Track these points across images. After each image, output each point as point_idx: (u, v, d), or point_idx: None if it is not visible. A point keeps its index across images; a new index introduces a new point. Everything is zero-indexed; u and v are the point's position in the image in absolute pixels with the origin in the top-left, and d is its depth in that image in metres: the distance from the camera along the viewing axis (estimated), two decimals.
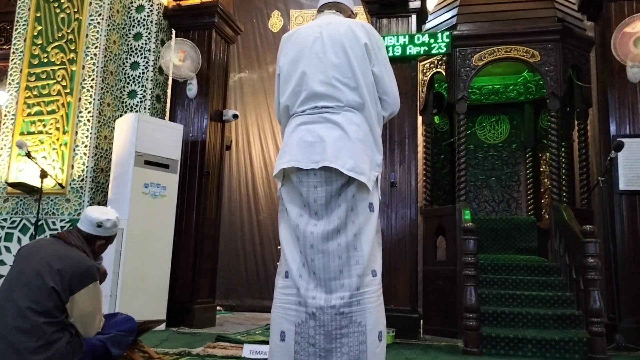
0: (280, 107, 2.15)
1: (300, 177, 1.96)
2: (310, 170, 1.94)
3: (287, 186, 2.03)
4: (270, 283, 7.43)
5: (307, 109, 2.03)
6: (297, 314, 1.88)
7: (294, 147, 1.99)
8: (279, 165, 2.01)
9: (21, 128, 5.00)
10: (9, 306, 2.29)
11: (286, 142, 2.05)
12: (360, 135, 1.98)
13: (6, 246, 4.85)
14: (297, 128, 2.03)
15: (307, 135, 1.98)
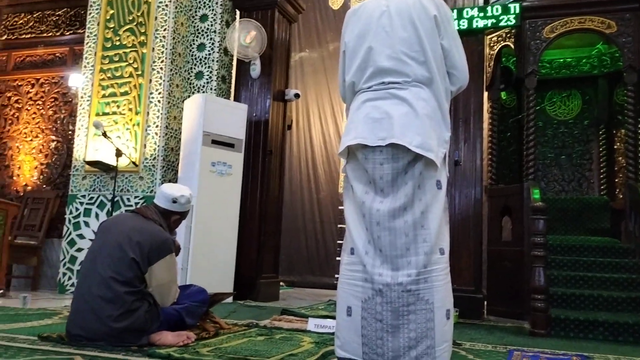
0: (345, 85, 2.15)
1: (366, 154, 1.96)
2: (377, 147, 1.93)
3: (353, 163, 2.04)
4: (330, 261, 7.53)
5: (373, 85, 2.02)
6: (364, 290, 1.91)
7: (360, 123, 1.99)
8: (345, 143, 2.02)
9: (97, 109, 5.26)
10: (93, 276, 2.45)
11: (352, 119, 2.05)
12: (428, 111, 1.96)
13: (85, 221, 5.15)
14: (363, 105, 2.02)
15: (373, 112, 1.97)
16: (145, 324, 2.45)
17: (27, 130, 6.19)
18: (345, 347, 1.93)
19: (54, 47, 6.27)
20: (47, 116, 6.14)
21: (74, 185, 5.27)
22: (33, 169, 6.09)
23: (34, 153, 6.11)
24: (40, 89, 6.23)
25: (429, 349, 1.83)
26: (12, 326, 2.93)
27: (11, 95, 6.33)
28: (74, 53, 6.15)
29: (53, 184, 5.97)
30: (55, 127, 6.08)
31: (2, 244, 4.63)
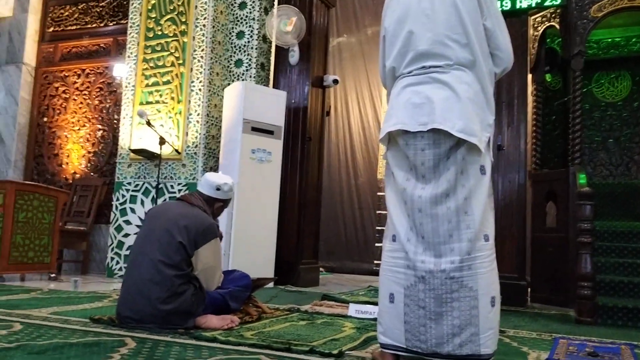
0: (385, 70, 2.13)
1: (407, 139, 1.94)
2: (418, 133, 1.91)
3: (393, 150, 2.03)
4: (369, 247, 7.54)
5: (414, 69, 1.99)
6: (406, 277, 1.90)
7: (401, 109, 1.97)
8: (385, 129, 2.00)
9: (140, 98, 5.39)
10: (142, 260, 2.54)
11: (392, 105, 2.03)
12: (471, 94, 1.92)
13: (131, 207, 5.31)
14: (403, 90, 2.00)
15: (414, 97, 1.94)
16: (191, 307, 2.53)
17: (74, 120, 6.40)
18: (387, 334, 1.94)
19: (98, 38, 6.44)
20: (93, 105, 6.32)
21: (120, 172, 5.43)
22: (81, 157, 6.30)
23: (82, 142, 6.32)
24: (86, 79, 6.42)
25: (473, 336, 1.82)
26: (65, 308, 3.07)
27: (59, 86, 6.54)
28: (117, 43, 6.29)
29: (100, 171, 6.17)
30: (101, 116, 6.27)
31: (54, 229, 4.82)
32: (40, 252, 4.69)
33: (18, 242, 4.49)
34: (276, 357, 2.03)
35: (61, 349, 2.01)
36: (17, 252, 4.48)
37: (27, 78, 6.58)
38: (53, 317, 2.73)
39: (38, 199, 4.67)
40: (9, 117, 6.50)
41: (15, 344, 2.05)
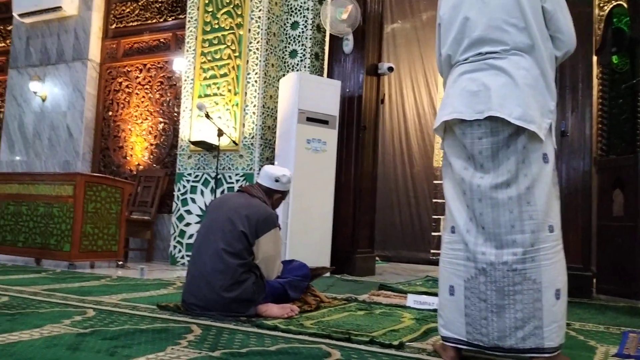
0: (441, 59, 2.09)
1: (463, 128, 1.91)
2: (474, 121, 1.87)
3: (450, 139, 2.00)
4: (425, 236, 7.47)
5: (469, 56, 1.95)
6: (466, 269, 1.88)
7: (456, 97, 1.93)
8: (440, 118, 1.98)
9: (199, 91, 5.53)
10: (206, 248, 2.63)
11: (448, 93, 2.00)
12: (529, 80, 1.86)
13: (192, 198, 5.48)
14: (459, 77, 1.96)
15: (470, 85, 1.91)
16: (253, 295, 2.60)
17: (137, 113, 6.65)
18: (448, 327, 1.93)
19: (158, 33, 6.64)
20: (154, 99, 6.54)
21: (181, 164, 5.61)
22: (144, 149, 6.55)
23: (144, 134, 6.56)
24: (147, 73, 6.64)
25: (537, 329, 1.78)
26: (134, 295, 3.22)
27: (122, 81, 6.81)
28: (176, 38, 6.47)
29: (162, 163, 6.39)
30: (162, 109, 6.48)
31: (120, 219, 5.05)
32: (108, 240, 4.92)
33: (88, 232, 4.73)
34: (336, 346, 2.06)
35: (132, 335, 2.12)
36: (87, 241, 4.73)
37: (92, 74, 6.88)
38: (123, 304, 2.87)
39: (105, 190, 4.90)
40: (76, 112, 6.83)
41: (90, 330, 2.18)
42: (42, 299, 2.94)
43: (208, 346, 1.97)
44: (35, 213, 4.84)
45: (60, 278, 3.95)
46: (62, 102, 6.94)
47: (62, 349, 1.83)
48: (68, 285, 3.54)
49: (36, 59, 7.23)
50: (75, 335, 2.07)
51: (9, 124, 7.32)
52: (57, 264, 4.92)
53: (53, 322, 2.28)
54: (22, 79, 7.28)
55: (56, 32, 7.09)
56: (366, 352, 2.00)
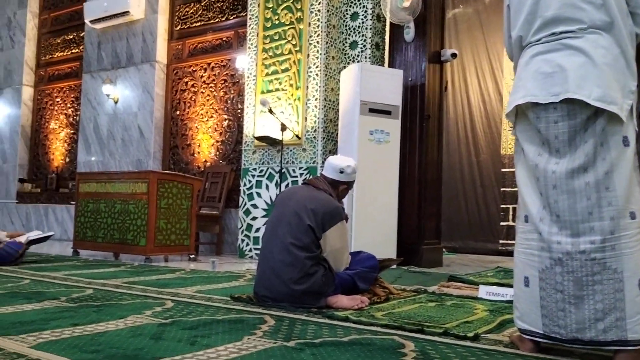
0: (511, 41, 2.02)
1: (537, 112, 1.83)
2: (550, 105, 1.80)
3: (522, 124, 1.92)
4: (493, 225, 7.26)
5: (542, 37, 1.87)
6: (540, 259, 1.82)
7: (529, 80, 1.86)
8: (513, 102, 1.91)
9: (261, 87, 5.62)
10: (274, 242, 2.68)
11: (520, 76, 1.93)
12: (609, 59, 1.76)
13: (257, 192, 5.59)
14: (532, 59, 1.88)
15: (544, 66, 1.83)
16: (322, 287, 2.62)
17: (202, 111, 6.85)
18: (524, 319, 1.88)
19: (220, 32, 6.80)
20: (218, 97, 6.72)
21: (246, 159, 5.73)
22: (210, 146, 6.74)
23: (210, 132, 6.76)
24: (211, 72, 6.82)
25: (619, 321, 1.70)
26: (207, 287, 3.33)
27: (188, 80, 7.03)
28: (238, 36, 6.60)
29: (227, 159, 6.56)
30: (226, 107, 6.64)
31: (191, 214, 5.24)
32: (180, 235, 5.11)
33: (161, 227, 4.93)
34: (409, 338, 2.04)
35: (210, 325, 2.19)
36: (161, 236, 4.93)
37: (160, 75, 7.14)
38: (198, 295, 2.98)
39: (176, 187, 5.09)
40: (146, 112, 7.12)
41: (170, 320, 2.27)
42: (124, 291, 3.09)
43: (282, 336, 2.01)
44: (113, 210, 5.10)
45: (138, 271, 4.14)
46: (132, 104, 7.26)
47: (146, 339, 1.93)
48: (146, 278, 3.71)
49: (107, 62, 7.58)
50: (157, 325, 2.16)
51: (85, 126, 7.73)
52: (134, 258, 5.17)
53: (136, 313, 2.40)
54: (95, 83, 7.66)
55: (125, 36, 7.41)
56: (440, 344, 1.97)
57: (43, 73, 8.76)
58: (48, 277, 3.66)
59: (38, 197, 8.34)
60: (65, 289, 3.10)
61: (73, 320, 2.20)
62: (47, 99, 8.69)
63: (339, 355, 1.76)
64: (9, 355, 1.65)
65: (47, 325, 2.09)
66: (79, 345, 1.80)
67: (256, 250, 5.52)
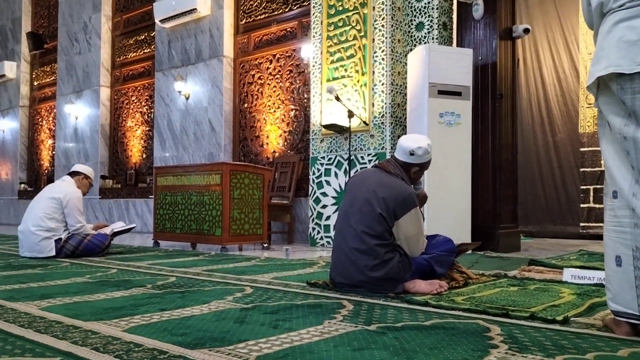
0: (591, 8, 1.89)
1: (622, 83, 1.72)
2: (635, 74, 1.69)
3: (605, 96, 1.81)
4: (572, 208, 6.92)
5: (626, 2, 1.75)
6: (634, 237, 1.70)
7: (612, 49, 1.74)
8: (594, 74, 1.79)
9: (327, 75, 5.61)
10: (347, 230, 2.66)
11: (601, 46, 1.80)
12: None
13: (326, 180, 5.61)
14: (614, 27, 1.76)
15: (628, 34, 1.71)
16: (399, 274, 2.58)
17: (269, 103, 6.94)
18: (617, 300, 1.77)
19: (284, 23, 6.85)
20: (285, 88, 6.78)
21: (314, 148, 5.75)
22: (278, 137, 6.83)
23: (278, 122, 6.84)
24: (277, 64, 6.89)
25: None
26: (283, 274, 3.38)
27: (254, 73, 7.14)
28: (302, 26, 6.62)
29: (296, 149, 6.62)
30: (293, 97, 6.69)
31: (263, 203, 5.33)
32: (253, 224, 5.22)
33: (235, 217, 5.06)
34: (494, 322, 1.98)
35: (289, 310, 2.22)
36: (236, 226, 5.06)
37: (227, 69, 7.30)
38: (275, 282, 3.03)
39: (248, 177, 5.19)
40: (216, 106, 7.30)
41: (251, 305, 2.32)
42: (204, 278, 3.20)
43: (363, 320, 2.00)
44: (189, 202, 5.28)
45: (215, 260, 4.27)
46: (203, 99, 7.47)
47: (230, 322, 1.98)
48: (224, 266, 3.82)
49: (177, 60, 7.83)
50: (239, 310, 2.22)
51: (159, 122, 8.04)
52: (211, 247, 5.34)
53: (218, 299, 2.47)
54: (167, 80, 7.94)
55: (193, 33, 7.62)
56: (528, 328, 1.89)
57: (118, 74, 9.19)
58: (133, 266, 3.85)
59: (119, 193, 8.79)
60: (150, 277, 3.24)
61: (160, 306, 2.30)
62: (123, 98, 9.11)
63: (422, 339, 1.73)
64: (104, 338, 1.74)
65: (136, 311, 2.19)
66: (168, 329, 1.87)
67: (327, 238, 5.55)
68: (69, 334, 1.79)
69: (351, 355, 1.54)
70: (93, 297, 2.54)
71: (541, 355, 1.55)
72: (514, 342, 1.70)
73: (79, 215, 4.54)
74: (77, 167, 4.86)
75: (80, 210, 4.55)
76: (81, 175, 4.76)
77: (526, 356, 1.53)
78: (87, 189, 4.83)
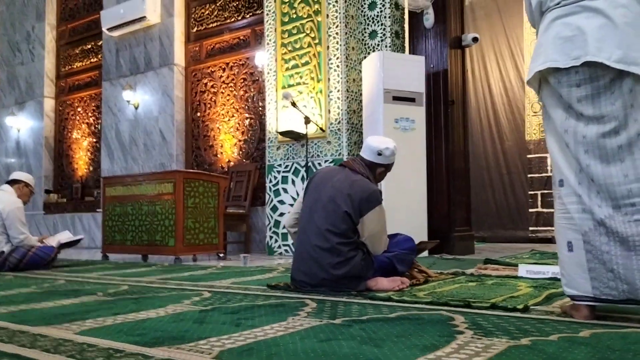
0: (532, 7, 1.97)
1: (558, 77, 1.80)
2: (571, 69, 1.76)
3: (547, 90, 1.88)
4: (522, 213, 7.13)
5: (561, 0, 1.83)
6: (582, 221, 1.77)
7: (549, 45, 1.82)
8: (533, 69, 1.87)
9: (282, 82, 5.59)
10: (310, 227, 2.63)
11: (540, 42, 1.89)
12: (629, 18, 1.72)
13: (283, 188, 5.56)
14: (551, 24, 1.85)
15: (563, 30, 1.79)
16: (361, 271, 2.57)
17: (223, 112, 6.85)
18: (571, 285, 1.83)
19: (237, 31, 6.80)
20: (239, 96, 6.71)
21: (270, 155, 5.70)
22: (233, 145, 6.73)
23: (232, 131, 6.75)
24: (230, 72, 6.83)
25: None
26: (242, 279, 3.30)
27: (207, 81, 7.04)
28: (255, 34, 6.60)
29: (251, 157, 6.55)
30: (247, 105, 6.63)
31: (218, 212, 5.22)
32: (208, 234, 5.10)
33: (190, 226, 4.92)
34: (457, 312, 1.98)
35: (251, 310, 2.15)
36: (190, 235, 4.92)
37: (178, 78, 7.17)
38: (234, 286, 2.95)
39: (203, 186, 5.08)
40: (167, 115, 7.15)
41: (210, 307, 2.24)
42: (159, 285, 3.08)
43: (327, 315, 1.97)
44: (140, 212, 5.11)
45: (169, 270, 4.13)
46: (153, 108, 7.30)
47: (189, 323, 1.90)
48: (179, 275, 3.70)
49: (126, 69, 7.64)
50: (198, 311, 2.13)
51: (107, 133, 7.79)
52: (164, 258, 5.17)
53: (174, 303, 2.37)
54: (115, 90, 7.72)
55: (142, 42, 7.46)
56: (491, 316, 1.91)
57: (63, 84, 8.87)
58: (82, 277, 3.67)
59: (64, 207, 8.43)
60: (100, 286, 3.10)
61: (113, 311, 2.18)
62: (68, 110, 8.79)
63: (389, 329, 1.71)
64: (55, 340, 1.63)
65: (88, 315, 2.07)
66: (123, 330, 1.77)
67: (285, 246, 5.49)
68: (16, 338, 1.67)
69: (318, 346, 1.50)
70: (41, 305, 2.40)
71: (507, 338, 1.56)
72: (479, 328, 1.70)
73: (21, 226, 4.31)
74: (15, 175, 4.64)
75: (22, 221, 4.32)
76: (21, 183, 4.54)
77: (492, 340, 1.53)
78: (28, 197, 4.61)
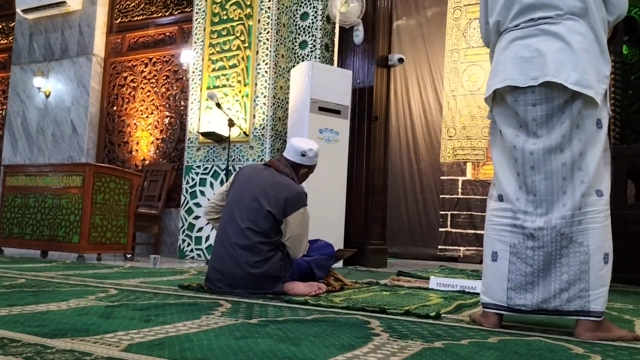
0: (489, 26, 2.05)
1: (516, 96, 1.88)
2: (528, 88, 1.84)
3: (500, 107, 1.96)
4: (432, 232, 7.42)
5: (521, 22, 1.92)
6: (512, 235, 1.87)
7: (508, 64, 1.89)
8: (492, 86, 1.94)
9: (208, 83, 5.48)
10: (231, 225, 2.57)
11: (498, 61, 1.96)
12: (585, 45, 1.82)
13: (201, 190, 5.41)
14: (510, 44, 1.92)
15: (522, 51, 1.87)
16: (279, 271, 2.54)
17: (142, 108, 6.58)
18: (488, 293, 1.91)
19: (164, 27, 6.59)
20: (160, 93, 6.49)
21: (189, 156, 5.54)
22: (150, 144, 6.48)
23: (150, 129, 6.50)
24: (153, 67, 6.59)
25: (583, 292, 1.76)
26: (152, 279, 3.15)
27: (127, 75, 6.75)
28: (182, 31, 6.43)
29: (168, 157, 6.33)
30: (168, 103, 6.42)
31: (129, 211, 4.98)
32: (117, 232, 4.84)
33: (97, 223, 4.65)
34: (373, 317, 2.00)
35: (162, 307, 2.06)
36: (96, 233, 4.65)
37: (96, 69, 6.82)
38: (143, 285, 2.81)
39: (114, 182, 4.82)
40: (80, 107, 6.76)
41: (118, 303, 2.12)
42: (60, 280, 2.87)
43: (243, 315, 1.92)
44: (43, 205, 4.76)
45: (71, 267, 3.87)
46: (66, 98, 6.88)
47: (95, 317, 1.77)
48: (82, 272, 3.47)
49: (40, 54, 7.16)
50: (104, 307, 2.01)
51: (12, 120, 7.24)
52: (65, 255, 4.84)
53: (78, 297, 2.22)
54: (25, 75, 7.21)
55: (60, 28, 7.04)
56: (405, 321, 1.94)
57: None
58: None
59: None
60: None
61: (9, 302, 2.00)
62: None
63: (306, 329, 1.69)
64: None
65: None
66: (21, 321, 1.62)
67: (198, 250, 5.33)
68: None
69: (234, 343, 1.45)
70: None
71: (421, 341, 1.59)
72: (394, 331, 1.73)
73: None
74: None
75: None
76: None
77: (407, 342, 1.56)
78: None
